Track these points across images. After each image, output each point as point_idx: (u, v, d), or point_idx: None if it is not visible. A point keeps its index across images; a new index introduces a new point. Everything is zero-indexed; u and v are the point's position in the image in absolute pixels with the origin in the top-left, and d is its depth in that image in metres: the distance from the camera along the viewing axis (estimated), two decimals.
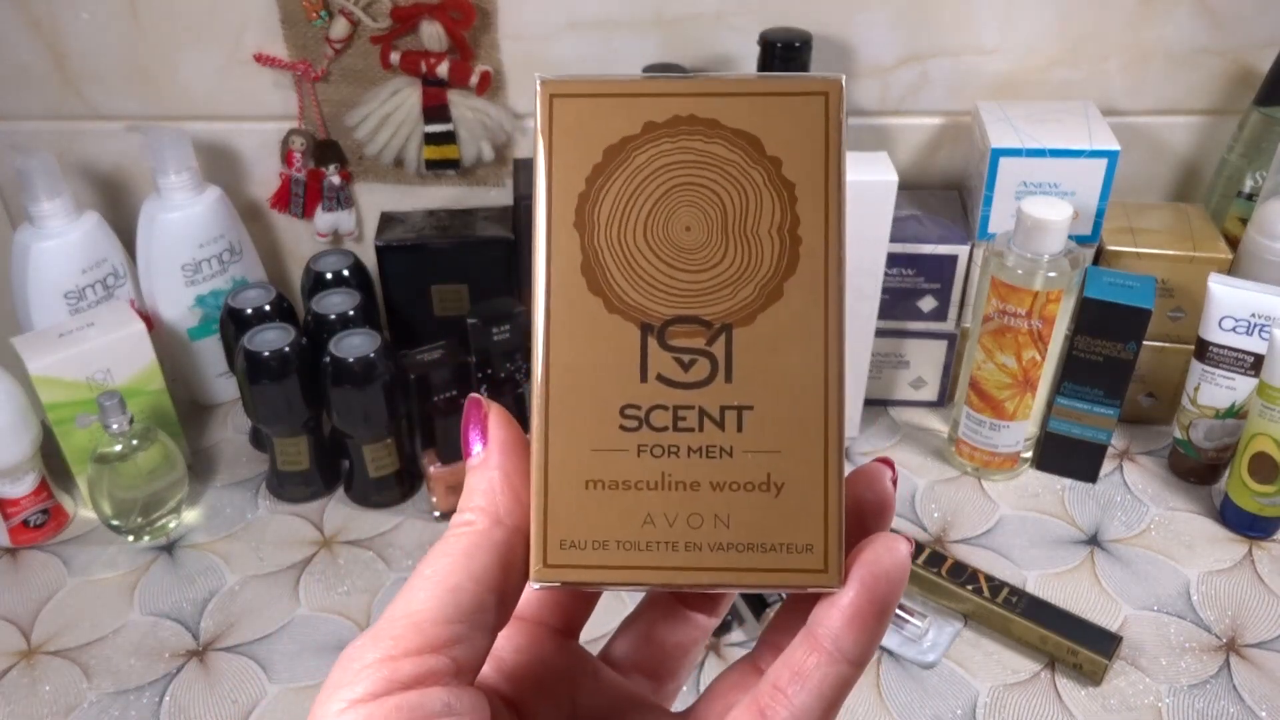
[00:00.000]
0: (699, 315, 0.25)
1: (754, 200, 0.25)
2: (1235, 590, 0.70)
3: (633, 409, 0.24)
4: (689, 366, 0.24)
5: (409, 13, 0.79)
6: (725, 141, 0.25)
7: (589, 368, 0.24)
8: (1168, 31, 0.81)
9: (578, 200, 0.25)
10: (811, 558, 0.24)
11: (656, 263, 0.25)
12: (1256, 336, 0.72)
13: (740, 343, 0.24)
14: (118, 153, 0.87)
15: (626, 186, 0.25)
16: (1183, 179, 0.88)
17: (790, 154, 0.25)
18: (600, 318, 0.25)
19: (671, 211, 0.25)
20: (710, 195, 0.25)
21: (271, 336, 0.73)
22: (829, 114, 0.25)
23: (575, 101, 0.25)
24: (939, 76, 0.83)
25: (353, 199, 0.89)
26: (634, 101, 0.25)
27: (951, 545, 0.74)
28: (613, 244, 0.25)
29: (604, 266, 0.25)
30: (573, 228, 0.25)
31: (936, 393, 0.86)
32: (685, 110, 0.25)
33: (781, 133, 0.25)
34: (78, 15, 0.80)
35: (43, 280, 0.77)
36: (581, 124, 0.25)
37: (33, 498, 0.74)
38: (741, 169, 0.25)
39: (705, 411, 0.24)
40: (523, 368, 0.77)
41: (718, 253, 0.25)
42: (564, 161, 0.25)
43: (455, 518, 0.25)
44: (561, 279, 0.25)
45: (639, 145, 0.25)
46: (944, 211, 0.82)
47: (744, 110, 0.25)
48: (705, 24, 0.81)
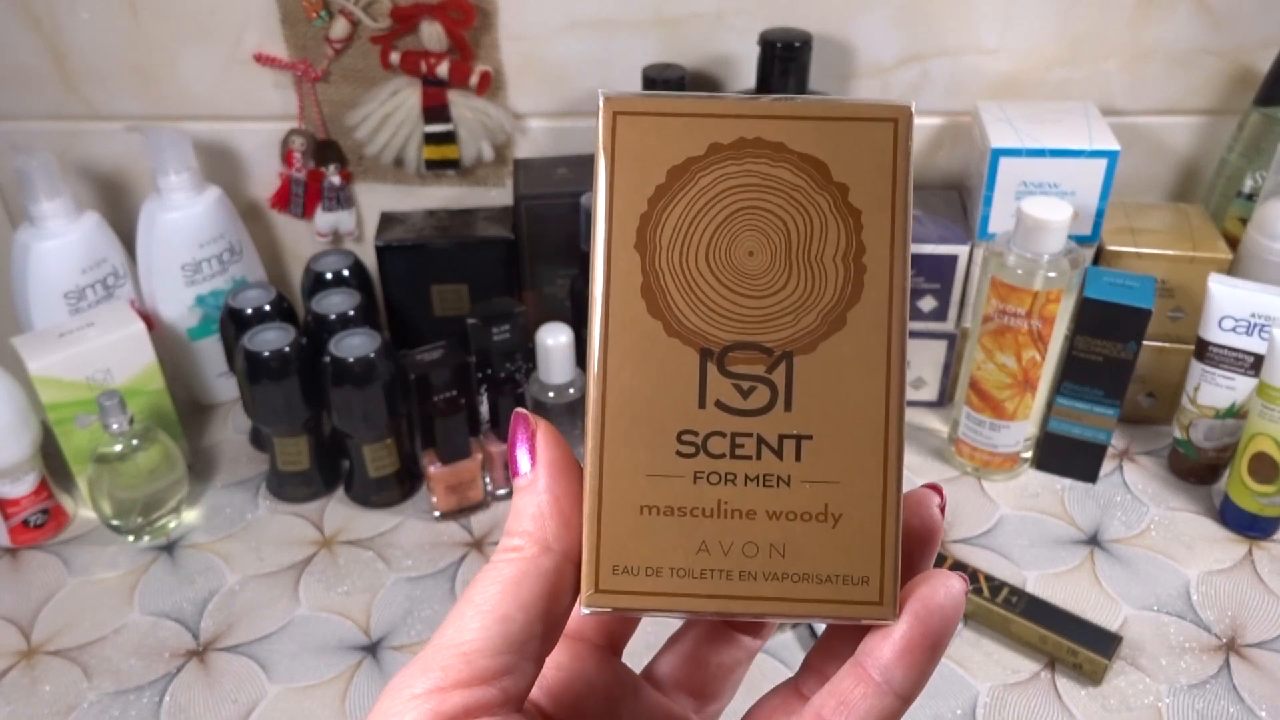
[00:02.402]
0: (760, 342, 0.24)
1: (819, 226, 0.24)
2: (1235, 590, 0.70)
3: (690, 435, 0.24)
4: (748, 393, 0.24)
5: (409, 13, 0.79)
6: (791, 166, 0.24)
7: (646, 391, 0.24)
8: (1167, 31, 0.81)
9: (639, 221, 0.24)
10: (867, 590, 0.24)
11: (718, 287, 0.24)
12: (1256, 336, 0.72)
13: (801, 371, 0.24)
14: (118, 153, 0.87)
15: (690, 208, 0.24)
16: (1183, 179, 0.88)
17: (857, 180, 0.24)
18: (659, 341, 0.24)
19: (735, 235, 0.24)
20: (775, 220, 0.24)
21: (271, 336, 0.73)
22: (897, 141, 0.24)
23: (639, 120, 0.24)
24: (939, 76, 0.83)
25: (353, 199, 0.89)
26: (699, 122, 0.24)
27: (951, 545, 0.74)
28: (674, 267, 0.24)
29: (664, 289, 0.24)
30: (633, 249, 0.24)
31: (936, 393, 0.86)
32: (751, 132, 0.24)
33: (849, 159, 0.24)
34: (78, 15, 0.80)
35: (43, 280, 0.77)
36: (645, 143, 0.24)
37: (33, 498, 0.74)
38: (807, 194, 0.24)
39: (764, 439, 0.24)
40: (523, 368, 0.77)
41: (781, 278, 0.24)
42: (626, 181, 0.24)
43: (504, 540, 0.24)
44: (621, 301, 0.24)
45: (703, 167, 0.24)
46: (944, 211, 0.82)
47: (811, 134, 0.24)
48: (705, 24, 0.81)
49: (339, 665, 0.65)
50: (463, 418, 0.73)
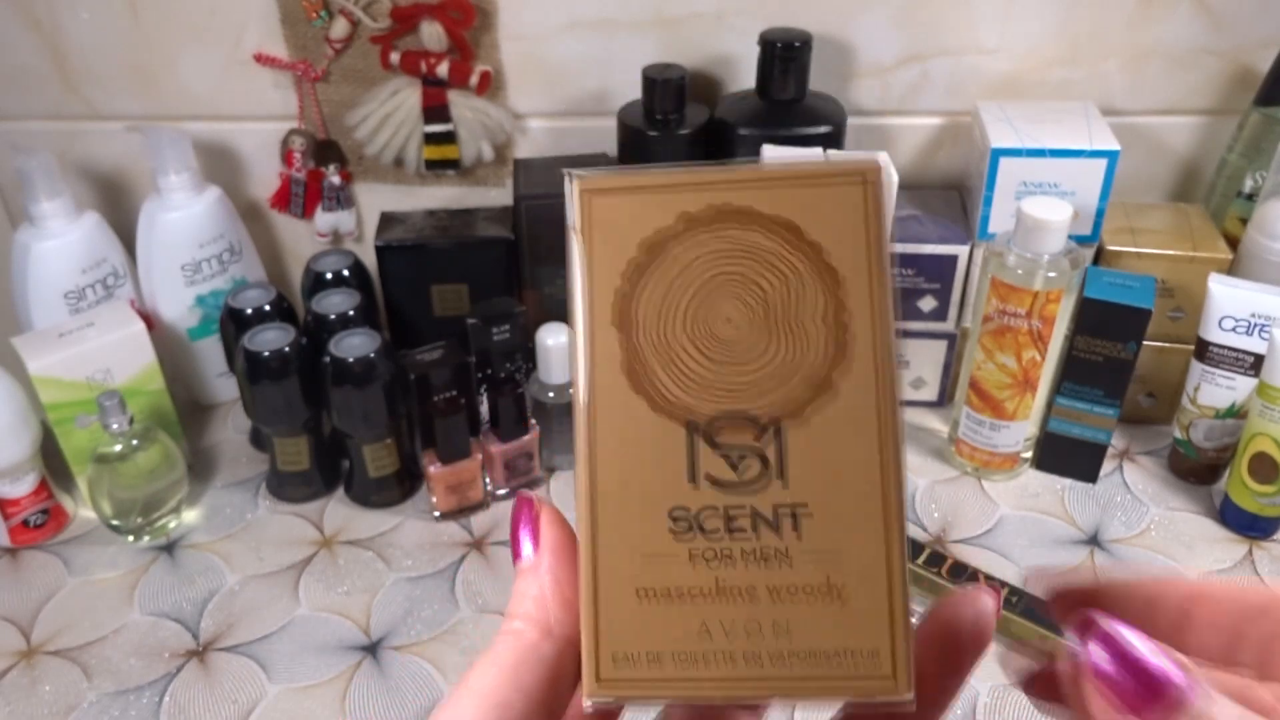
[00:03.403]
0: (747, 411, 0.24)
1: (796, 288, 0.24)
2: None
3: (682, 512, 0.24)
4: (739, 466, 0.24)
5: (409, 13, 0.79)
6: (763, 230, 0.24)
7: (636, 471, 0.24)
8: (1167, 31, 0.81)
9: (616, 298, 0.24)
10: (877, 663, 0.23)
11: (700, 358, 0.24)
12: (1256, 336, 0.72)
13: (791, 438, 0.24)
14: (118, 153, 0.87)
15: (665, 281, 0.24)
16: (1183, 179, 0.88)
17: (831, 240, 0.24)
18: (645, 418, 0.24)
19: (712, 304, 0.24)
20: (751, 285, 0.24)
21: (271, 336, 0.73)
22: (868, 198, 0.24)
23: (610, 197, 0.24)
24: (939, 76, 0.83)
25: (353, 199, 0.89)
26: (668, 194, 0.24)
27: (951, 545, 0.74)
28: (654, 341, 0.24)
29: (646, 365, 0.24)
30: (612, 327, 0.24)
31: (936, 393, 0.86)
32: (720, 200, 0.24)
33: (820, 219, 0.24)
34: (78, 15, 0.80)
35: (43, 280, 0.77)
36: (617, 220, 0.24)
37: (33, 498, 0.74)
38: (781, 257, 0.24)
39: (758, 513, 0.23)
40: (523, 368, 0.77)
41: (762, 344, 0.24)
42: (602, 259, 0.24)
43: (504, 623, 0.24)
44: (604, 380, 0.24)
45: (676, 238, 0.24)
46: (944, 211, 0.82)
47: (781, 197, 0.24)
48: (705, 24, 0.81)
49: (339, 665, 0.65)
50: (463, 418, 0.73)
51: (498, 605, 0.70)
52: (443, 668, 0.65)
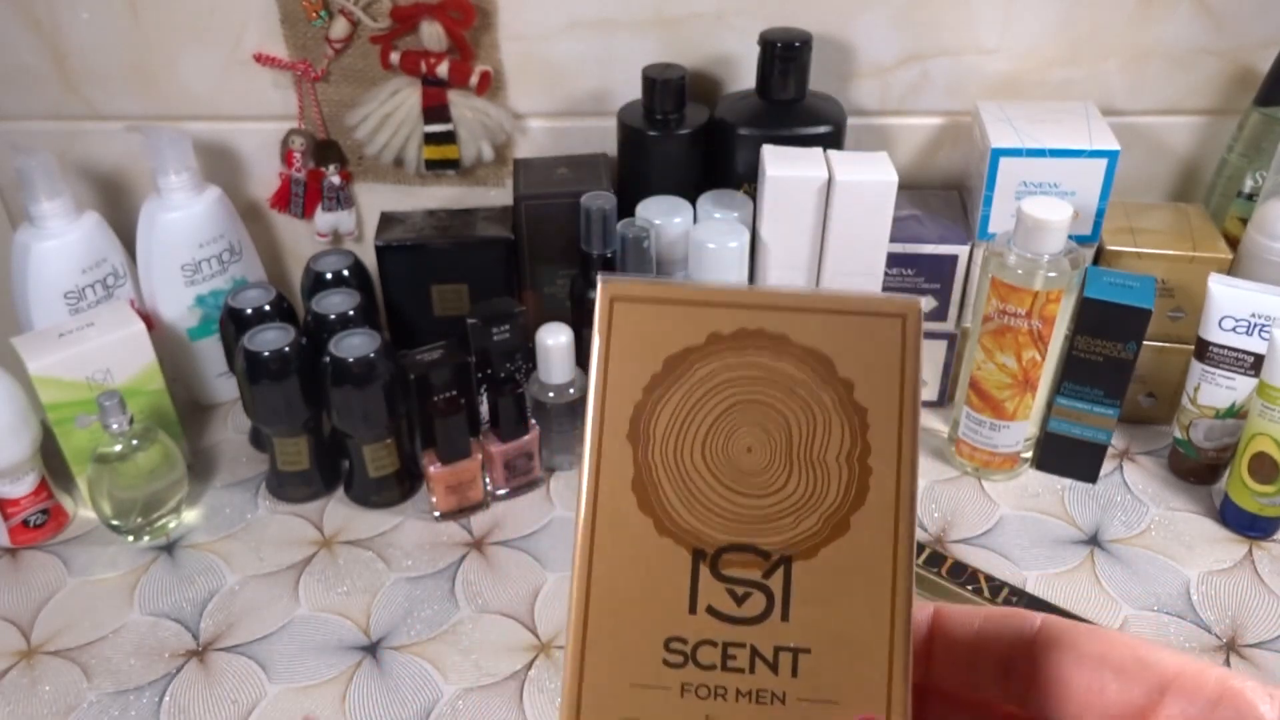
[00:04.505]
0: (757, 544, 0.23)
1: (822, 424, 0.23)
2: (1235, 590, 0.70)
3: (678, 643, 0.23)
4: (742, 600, 0.23)
5: (409, 13, 0.79)
6: (794, 359, 0.23)
7: (633, 592, 0.23)
8: (1168, 32, 0.81)
9: (633, 410, 0.23)
10: None
11: (714, 484, 0.23)
12: (1256, 336, 0.72)
13: (800, 578, 0.23)
14: (118, 153, 0.87)
15: (686, 400, 0.23)
16: (1183, 179, 0.88)
17: (863, 377, 0.23)
18: (649, 539, 0.23)
19: (733, 430, 0.23)
20: (776, 416, 0.23)
21: (271, 336, 0.73)
22: (905, 338, 0.23)
23: (638, 306, 0.23)
24: (939, 76, 0.83)
25: (353, 199, 0.89)
26: (698, 310, 0.23)
27: (951, 545, 0.74)
28: (668, 461, 0.23)
29: (657, 484, 0.23)
30: (626, 439, 0.23)
31: (936, 393, 0.86)
32: (753, 323, 0.23)
33: (855, 354, 0.23)
34: (78, 15, 0.80)
35: (43, 280, 0.77)
36: (642, 330, 0.23)
37: (33, 498, 0.74)
38: (810, 390, 0.23)
39: (757, 651, 0.22)
40: (523, 368, 0.77)
41: (780, 478, 0.23)
42: (621, 368, 0.23)
43: None
44: (610, 493, 0.23)
45: (702, 357, 0.23)
46: (944, 211, 0.82)
47: (816, 327, 0.23)
48: (705, 24, 0.81)
49: (339, 665, 0.65)
50: (463, 418, 0.73)
51: (498, 605, 0.70)
52: (443, 668, 0.65)
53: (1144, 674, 0.22)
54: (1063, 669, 0.23)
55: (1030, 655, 0.23)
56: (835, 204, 0.71)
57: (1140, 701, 0.22)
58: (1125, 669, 0.22)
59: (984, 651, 0.24)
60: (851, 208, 0.71)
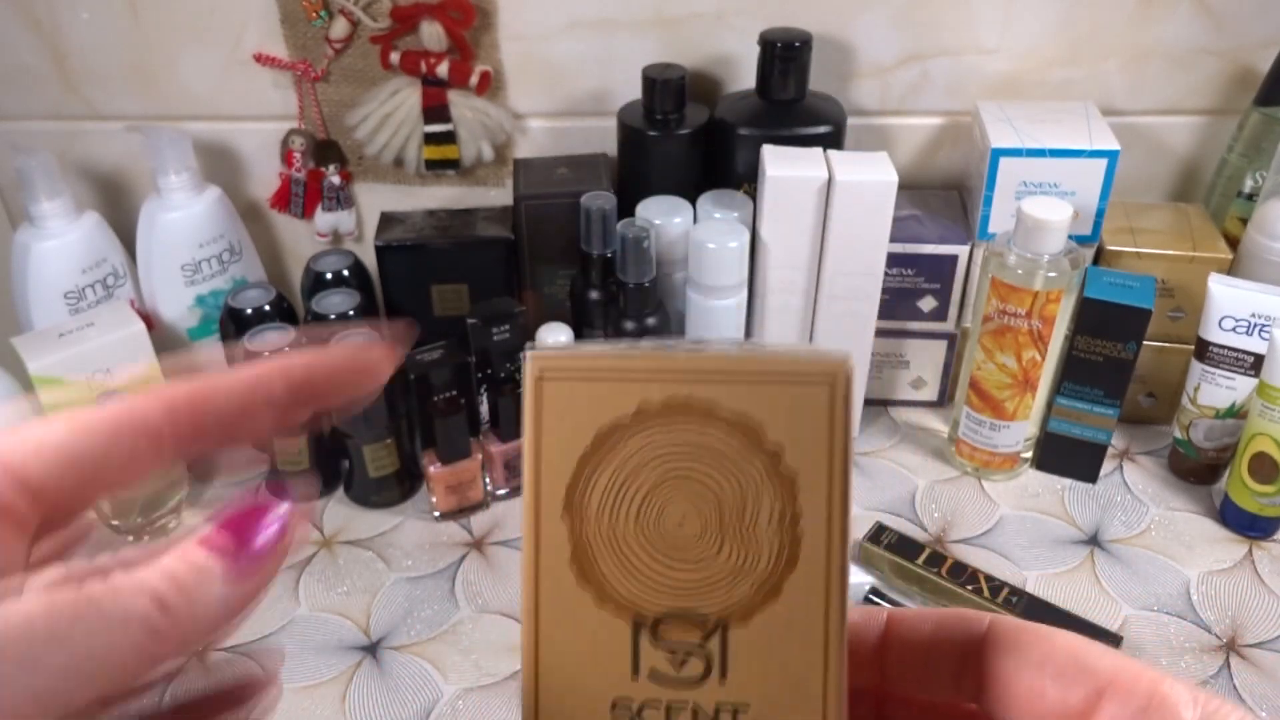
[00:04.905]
0: (694, 610, 0.24)
1: (752, 495, 0.23)
2: (1235, 590, 0.70)
3: (624, 703, 0.24)
4: (683, 663, 0.24)
5: (409, 13, 0.79)
6: (722, 429, 0.23)
7: (579, 661, 0.24)
8: (1168, 31, 0.81)
9: (566, 487, 0.23)
10: None
11: (649, 556, 0.24)
12: (1256, 336, 0.72)
13: (736, 640, 0.23)
14: (118, 153, 0.87)
15: (617, 476, 0.23)
16: (1183, 179, 0.88)
17: (792, 443, 0.23)
18: (590, 611, 0.24)
19: (665, 503, 0.23)
20: (705, 490, 0.23)
21: (271, 337, 0.73)
22: (834, 400, 0.23)
23: (565, 383, 0.23)
24: (939, 76, 0.83)
25: (353, 199, 0.89)
26: (626, 382, 0.23)
27: (951, 545, 0.74)
28: (603, 535, 0.23)
29: (594, 558, 0.24)
30: (561, 517, 0.24)
31: (936, 393, 0.86)
32: (680, 392, 0.23)
33: (783, 419, 0.23)
34: (78, 15, 0.80)
35: (43, 280, 0.77)
36: (572, 406, 0.23)
37: None
38: (738, 461, 0.23)
39: (700, 709, 0.24)
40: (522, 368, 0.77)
41: (713, 547, 0.23)
42: (552, 446, 0.23)
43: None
44: (550, 568, 0.24)
45: (631, 431, 0.23)
46: (944, 211, 0.82)
47: (743, 394, 0.23)
48: (705, 24, 0.81)
49: (339, 665, 0.65)
50: (463, 418, 0.73)
51: (498, 605, 0.70)
52: (443, 668, 0.65)
53: (1082, 677, 0.23)
54: (1007, 672, 0.23)
55: (980, 657, 0.24)
56: (835, 204, 0.71)
57: (1079, 705, 0.22)
58: (1065, 672, 0.23)
59: (938, 654, 0.25)
60: (851, 208, 0.71)
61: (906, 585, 0.70)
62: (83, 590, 0.19)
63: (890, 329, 0.82)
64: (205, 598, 0.21)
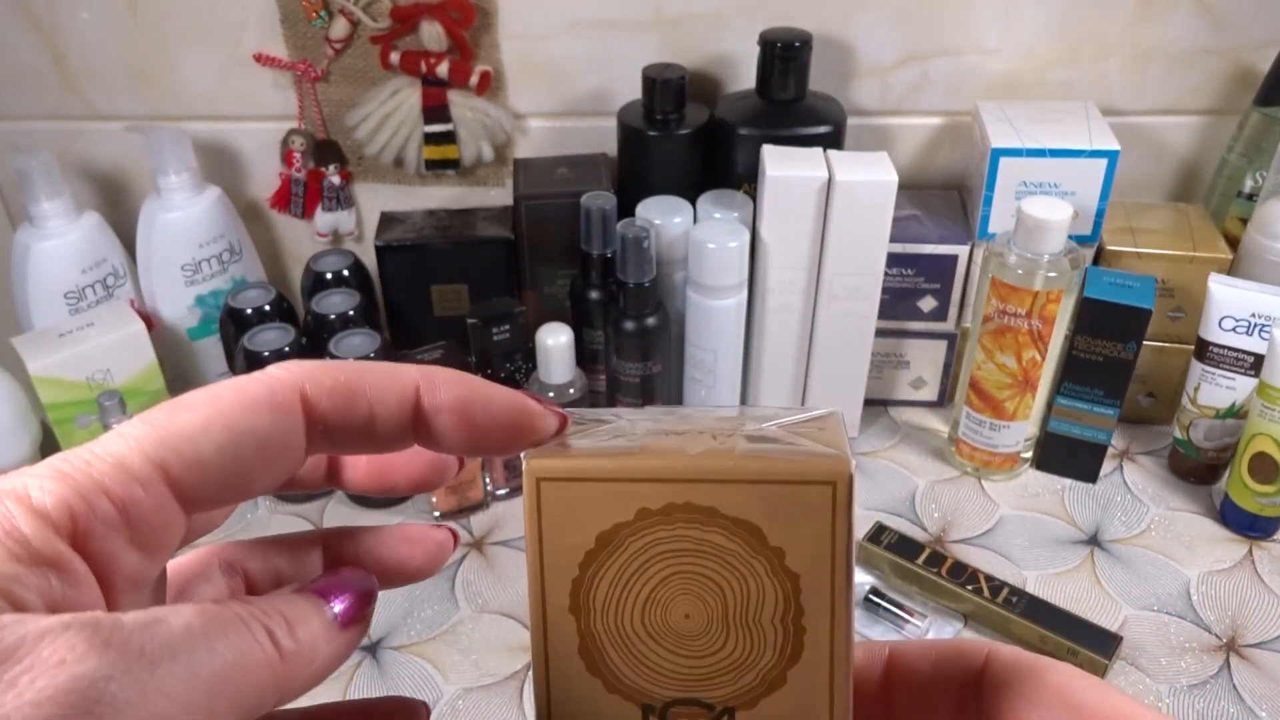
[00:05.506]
0: (701, 698, 0.24)
1: (755, 590, 0.24)
2: (1235, 590, 0.70)
3: None
4: None
5: (409, 13, 0.79)
6: (724, 531, 0.24)
7: None
8: (1168, 31, 0.81)
9: (572, 585, 0.24)
10: None
11: (656, 648, 0.24)
12: (1256, 336, 0.72)
13: None
14: (118, 153, 0.87)
15: (622, 574, 0.24)
16: (1183, 179, 0.88)
17: (794, 545, 0.23)
18: (600, 697, 0.24)
19: (669, 600, 0.24)
20: (710, 584, 0.24)
21: (271, 336, 0.73)
22: (836, 503, 0.23)
23: (564, 485, 0.24)
24: (939, 76, 0.83)
25: (353, 199, 0.89)
26: (625, 486, 0.24)
27: (951, 545, 0.74)
28: (610, 629, 0.24)
29: (602, 650, 0.24)
30: (568, 612, 0.24)
31: (936, 393, 0.86)
32: (680, 497, 0.23)
33: (784, 523, 0.23)
34: (78, 15, 0.80)
35: (43, 280, 0.77)
36: (572, 508, 0.24)
37: None
38: (741, 559, 0.24)
39: None
40: (523, 368, 0.77)
41: (719, 640, 0.24)
42: (555, 545, 0.24)
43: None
44: (559, 659, 0.24)
45: (633, 532, 0.24)
46: (944, 211, 0.82)
47: (743, 498, 0.23)
48: (705, 24, 0.81)
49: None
50: None
51: (498, 605, 0.70)
52: (443, 668, 0.65)
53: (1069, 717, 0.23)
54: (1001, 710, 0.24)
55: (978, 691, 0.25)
56: (835, 204, 0.71)
57: None
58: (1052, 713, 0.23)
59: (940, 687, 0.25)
60: (851, 208, 0.71)
61: (906, 585, 0.70)
62: (229, 606, 0.20)
63: (890, 329, 0.82)
64: (319, 645, 0.22)
